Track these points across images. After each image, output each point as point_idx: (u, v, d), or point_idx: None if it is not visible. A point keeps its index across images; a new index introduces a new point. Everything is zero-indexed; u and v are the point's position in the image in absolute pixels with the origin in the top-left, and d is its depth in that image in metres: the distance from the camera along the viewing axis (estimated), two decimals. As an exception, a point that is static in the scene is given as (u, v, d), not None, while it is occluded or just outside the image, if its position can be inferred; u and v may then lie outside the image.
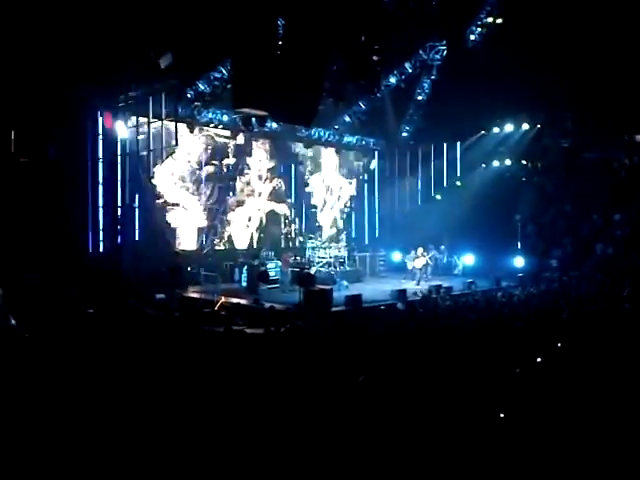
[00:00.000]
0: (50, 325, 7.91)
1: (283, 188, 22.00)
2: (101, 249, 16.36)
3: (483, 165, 23.70)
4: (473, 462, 4.10)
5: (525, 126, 22.45)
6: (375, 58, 18.24)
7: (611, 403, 5.01)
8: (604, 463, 4.01)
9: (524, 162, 23.22)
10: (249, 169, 20.86)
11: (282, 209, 21.90)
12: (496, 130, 23.17)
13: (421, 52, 20.96)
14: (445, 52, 20.80)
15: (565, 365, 6.52)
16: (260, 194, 21.25)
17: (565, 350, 7.33)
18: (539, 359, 6.75)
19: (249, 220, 20.76)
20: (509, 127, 22.81)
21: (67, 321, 8.38)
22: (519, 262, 20.41)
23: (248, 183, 20.84)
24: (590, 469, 3.97)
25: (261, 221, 21.19)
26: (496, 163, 23.51)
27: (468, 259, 21.24)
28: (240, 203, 20.50)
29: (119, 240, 16.39)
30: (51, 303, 10.42)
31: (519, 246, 21.48)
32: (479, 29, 19.95)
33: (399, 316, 11.56)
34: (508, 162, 23.28)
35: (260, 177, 21.25)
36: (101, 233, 16.46)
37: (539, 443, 4.33)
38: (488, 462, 4.11)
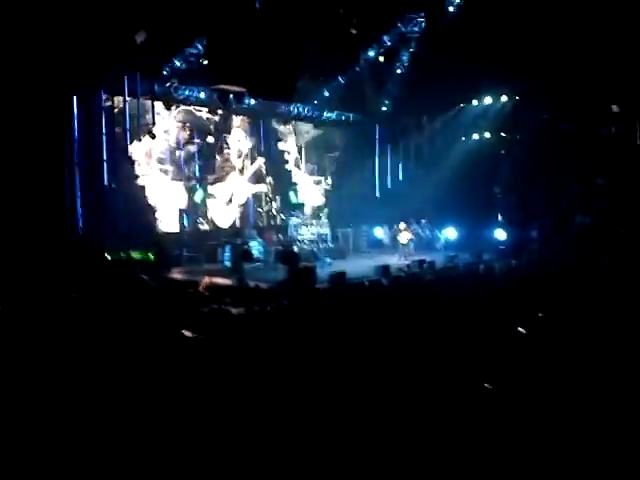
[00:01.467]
0: (34, 309, 7.84)
1: (264, 168, 21.86)
2: (80, 232, 16.15)
3: (463, 138, 23.71)
4: (458, 433, 4.17)
5: (504, 98, 22.45)
6: (353, 32, 18.08)
7: (592, 372, 5.11)
8: (588, 434, 4.09)
9: (503, 134, 23.27)
10: (229, 148, 20.67)
11: (262, 188, 21.78)
12: (475, 102, 23.15)
13: (400, 25, 20.75)
14: (424, 24, 20.62)
15: (546, 334, 6.63)
16: (241, 171, 21.09)
17: (546, 319, 7.44)
18: (520, 329, 6.85)
19: (230, 200, 20.62)
20: (488, 99, 22.80)
21: (51, 305, 8.30)
22: (500, 234, 20.59)
23: (227, 160, 20.66)
24: (574, 440, 4.05)
25: (242, 200, 21.07)
26: (475, 136, 23.54)
27: (450, 233, 21.36)
28: (219, 179, 20.32)
29: (99, 222, 16.20)
30: (34, 285, 10.30)
31: (499, 218, 21.65)
32: (458, 0, 19.77)
33: (383, 291, 11.64)
34: (487, 135, 23.31)
35: (240, 155, 21.06)
36: (79, 216, 16.24)
37: (524, 412, 4.42)
38: (473, 432, 4.18)
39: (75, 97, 16.03)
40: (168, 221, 18.68)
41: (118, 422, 4.15)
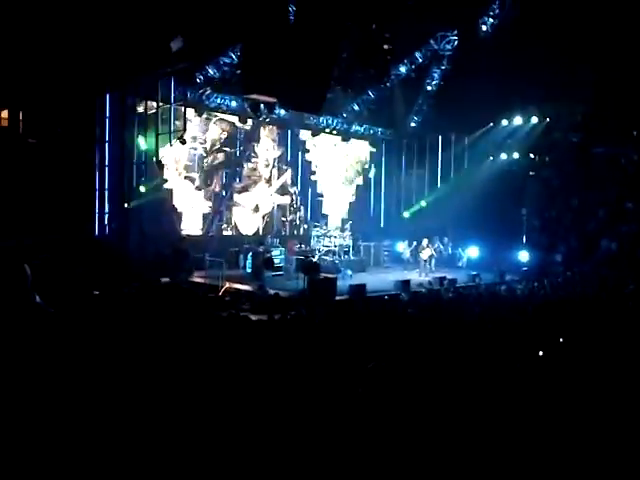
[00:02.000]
0: (59, 305, 7.96)
1: (290, 179, 22.00)
2: (107, 231, 16.43)
3: (490, 158, 23.59)
4: (472, 455, 4.15)
5: (534, 119, 22.32)
6: (385, 47, 18.17)
7: (611, 400, 5.04)
8: (603, 458, 4.04)
9: (532, 156, 23.10)
10: (256, 156, 20.86)
11: (287, 200, 21.90)
12: (505, 123, 23.04)
13: (432, 42, 20.80)
14: (456, 42, 20.64)
15: (566, 361, 6.55)
16: (268, 181, 21.25)
17: (567, 345, 7.35)
18: (541, 353, 6.78)
19: (256, 209, 20.77)
20: (518, 120, 22.68)
21: (74, 302, 8.43)
22: (524, 256, 20.40)
23: (254, 169, 20.84)
24: (589, 465, 4.00)
25: (268, 210, 21.21)
26: (504, 156, 23.40)
27: (473, 252, 21.24)
28: (245, 188, 20.50)
29: (125, 223, 16.45)
30: (59, 283, 10.48)
31: (524, 240, 21.46)
32: (491, 20, 19.75)
33: (403, 306, 11.61)
34: (516, 155, 23.15)
35: (267, 164, 21.23)
36: (107, 216, 16.53)
37: (538, 436, 4.37)
38: (487, 455, 4.16)
39: (109, 99, 16.36)
40: (192, 225, 18.87)
41: (131, 422, 4.21)
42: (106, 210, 16.52)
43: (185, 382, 5.13)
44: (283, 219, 21.66)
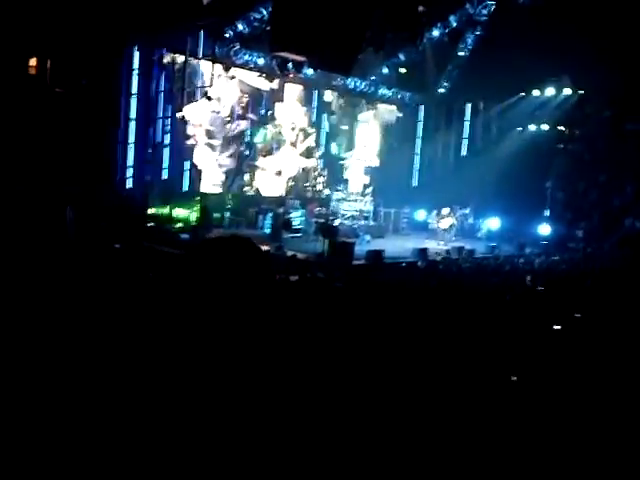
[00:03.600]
0: (79, 257, 8.13)
1: (314, 145, 21.79)
2: (130, 185, 16.55)
3: (519, 128, 23.14)
4: (482, 421, 4.21)
5: (567, 91, 21.76)
6: (420, 9, 17.73)
7: (626, 378, 5.05)
8: (618, 435, 4.07)
9: (561, 128, 22.61)
10: (280, 119, 20.60)
11: (312, 163, 21.75)
12: (536, 93, 22.50)
13: (468, 6, 20.24)
14: (493, 8, 20.06)
15: (582, 336, 6.55)
16: (293, 144, 21.07)
17: (583, 321, 7.34)
18: (556, 327, 6.78)
19: (279, 173, 20.65)
20: (550, 91, 22.13)
21: (97, 254, 8.59)
22: (545, 230, 20.19)
23: (279, 133, 20.66)
24: (601, 441, 4.03)
25: (293, 173, 21.12)
26: (532, 127, 22.94)
27: (493, 223, 21.05)
28: (269, 152, 20.37)
29: (147, 178, 16.56)
30: (82, 235, 10.66)
31: (547, 214, 21.20)
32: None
33: (419, 274, 11.63)
34: (545, 127, 22.68)
35: (293, 128, 21.03)
36: (130, 170, 16.62)
37: (549, 409, 4.41)
38: (497, 424, 4.21)
39: (136, 51, 16.25)
40: (213, 182, 18.87)
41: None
42: (130, 163, 16.60)
43: (200, 339, 5.24)
44: (306, 184, 21.55)
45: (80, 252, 8.54)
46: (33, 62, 14.80)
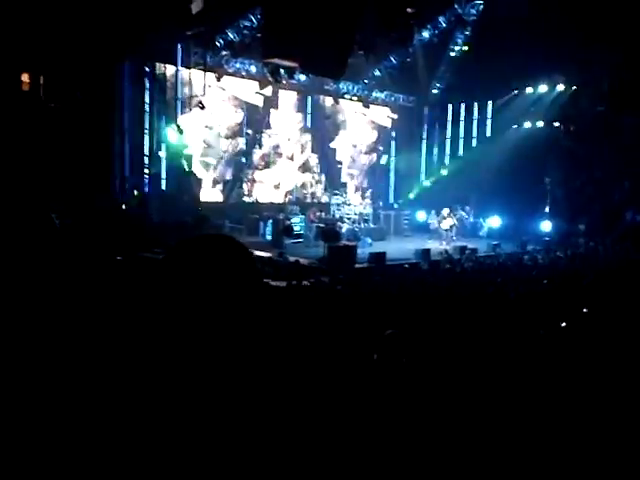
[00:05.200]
0: (80, 269, 8.04)
1: (311, 153, 21.70)
2: (127, 196, 16.48)
3: (514, 126, 23.13)
4: (490, 421, 4.13)
5: (560, 87, 21.76)
6: (409, 10, 17.72)
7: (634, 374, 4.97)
8: (623, 432, 3.99)
9: (557, 124, 22.59)
10: (275, 127, 20.58)
11: (309, 177, 21.74)
12: (529, 90, 22.50)
13: (457, 6, 20.28)
14: (482, 7, 20.08)
15: (590, 331, 6.47)
16: (291, 158, 21.06)
17: (590, 316, 7.26)
18: (563, 324, 6.70)
19: (277, 186, 20.67)
20: (543, 88, 22.13)
21: (97, 267, 8.51)
22: (546, 226, 20.13)
23: (277, 146, 20.66)
24: (608, 439, 3.96)
25: (290, 187, 21.15)
26: (528, 124, 22.92)
27: (494, 221, 21.00)
28: (267, 165, 20.36)
29: (146, 189, 16.49)
30: (80, 248, 10.58)
31: (547, 210, 21.15)
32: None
33: (422, 275, 11.56)
34: (540, 124, 22.66)
35: (289, 139, 21.03)
36: (127, 181, 16.56)
37: (559, 407, 4.34)
38: (505, 422, 4.14)
39: (128, 64, 16.23)
40: (212, 191, 18.84)
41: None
42: (126, 175, 16.54)
43: (204, 345, 5.16)
44: (304, 192, 21.56)
45: (80, 263, 8.46)
46: (26, 78, 14.77)
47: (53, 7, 13.61)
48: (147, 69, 16.35)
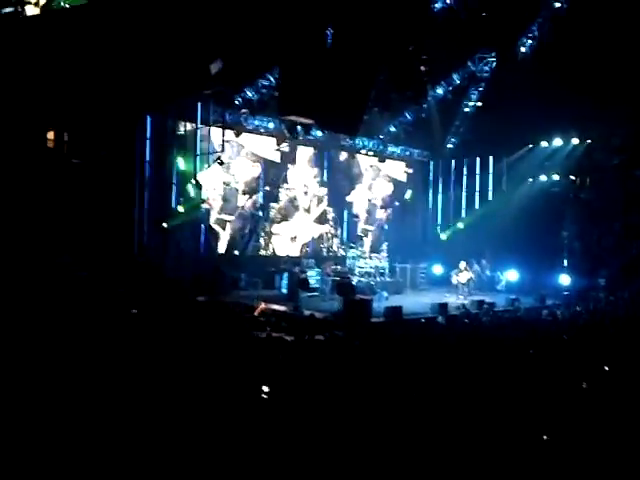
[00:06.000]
0: (96, 323, 8.09)
1: (327, 207, 21.99)
2: (146, 250, 16.64)
3: (530, 179, 23.19)
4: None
5: (575, 141, 21.90)
6: (422, 68, 18.13)
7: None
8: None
9: (572, 177, 22.62)
10: (292, 181, 20.89)
11: (326, 229, 21.96)
12: (544, 144, 22.67)
13: (469, 63, 20.72)
14: (494, 64, 20.50)
15: (612, 389, 6.29)
16: (307, 210, 21.32)
17: (612, 373, 7.08)
18: (585, 384, 6.50)
19: (294, 238, 20.86)
20: (558, 141, 22.28)
21: (112, 320, 8.55)
22: (565, 280, 19.91)
23: (294, 198, 20.96)
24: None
25: (307, 240, 21.34)
26: (543, 178, 22.97)
27: (512, 275, 20.83)
28: (284, 217, 20.60)
29: (163, 242, 16.66)
30: (99, 301, 10.66)
31: (565, 264, 20.95)
32: (530, 41, 19.60)
33: (440, 330, 11.41)
34: (556, 177, 22.71)
35: (306, 192, 21.33)
36: (146, 234, 16.76)
37: (583, 466, 4.20)
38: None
39: (149, 121, 16.70)
40: (229, 244, 18.98)
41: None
42: (145, 229, 16.76)
43: (223, 400, 5.11)
44: (321, 245, 21.68)
45: (98, 317, 8.52)
46: (51, 135, 15.24)
47: (79, 67, 14.14)
48: (168, 126, 16.79)
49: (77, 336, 7.38)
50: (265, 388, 5.43)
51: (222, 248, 18.79)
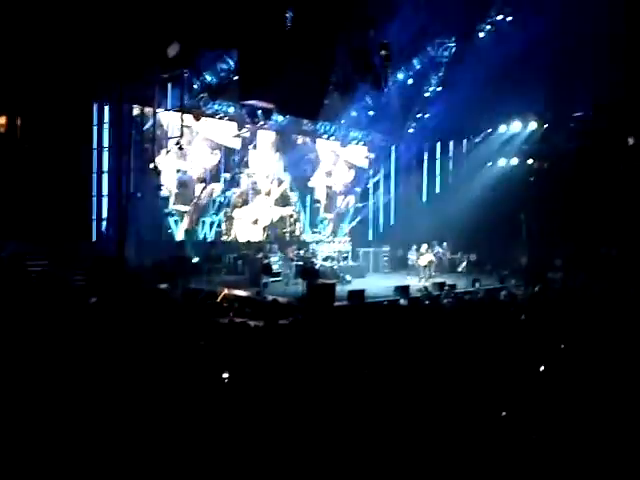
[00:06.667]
0: (54, 312, 7.91)
1: (290, 192, 21.91)
2: (104, 238, 16.33)
3: (489, 163, 23.56)
4: (472, 459, 4.08)
5: (533, 125, 22.30)
6: (382, 53, 18.14)
7: (614, 408, 4.96)
8: (604, 464, 3.97)
9: (531, 161, 23.06)
10: (253, 166, 20.71)
11: (288, 211, 21.86)
12: (503, 128, 23.03)
13: (429, 49, 20.82)
14: (454, 49, 20.65)
15: (569, 367, 6.46)
16: (268, 194, 21.17)
17: (569, 352, 7.27)
18: (542, 368, 6.64)
19: (255, 222, 20.71)
20: (516, 126, 22.66)
21: (71, 309, 8.37)
22: (524, 261, 20.35)
23: (255, 183, 20.79)
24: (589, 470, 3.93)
25: (267, 222, 21.20)
26: (502, 161, 23.37)
27: (472, 257, 21.18)
28: (245, 202, 20.43)
29: (123, 229, 16.34)
30: (56, 290, 10.42)
31: (524, 245, 21.43)
32: (488, 27, 19.79)
33: (402, 312, 11.54)
34: (515, 161, 23.13)
35: (267, 176, 21.18)
36: (104, 222, 16.44)
37: (539, 443, 4.30)
38: (487, 459, 4.09)
39: (106, 105, 16.31)
40: (189, 230, 18.75)
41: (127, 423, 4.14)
42: (103, 216, 16.42)
43: (184, 387, 5.06)
44: (284, 230, 21.60)
45: (52, 308, 8.33)
46: (2, 120, 14.76)
47: (30, 50, 13.71)
48: (125, 110, 16.39)
49: (32, 326, 7.20)
50: (225, 374, 5.40)
51: (182, 235, 18.51)
